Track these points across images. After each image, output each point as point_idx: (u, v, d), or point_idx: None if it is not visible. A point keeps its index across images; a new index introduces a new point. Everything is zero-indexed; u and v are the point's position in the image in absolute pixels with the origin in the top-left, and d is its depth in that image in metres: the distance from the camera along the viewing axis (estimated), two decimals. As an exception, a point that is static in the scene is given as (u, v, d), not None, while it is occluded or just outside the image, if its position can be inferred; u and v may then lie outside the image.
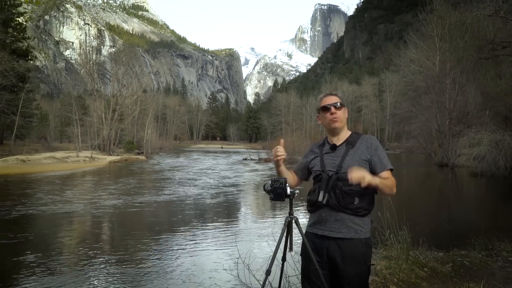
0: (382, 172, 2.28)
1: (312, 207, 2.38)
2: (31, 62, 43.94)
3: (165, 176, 22.38)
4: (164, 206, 12.19)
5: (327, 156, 2.39)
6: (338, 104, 2.40)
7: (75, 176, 22.67)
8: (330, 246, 2.28)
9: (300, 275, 3.91)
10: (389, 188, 2.21)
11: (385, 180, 2.22)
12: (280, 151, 2.41)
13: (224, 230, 8.99)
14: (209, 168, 28.50)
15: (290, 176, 2.55)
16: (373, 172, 2.29)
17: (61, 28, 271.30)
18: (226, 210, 11.98)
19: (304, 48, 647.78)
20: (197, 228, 9.05)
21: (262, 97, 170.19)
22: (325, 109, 2.41)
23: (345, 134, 2.44)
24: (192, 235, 8.38)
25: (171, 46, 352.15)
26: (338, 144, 2.41)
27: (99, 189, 16.06)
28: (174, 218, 10.39)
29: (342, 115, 2.41)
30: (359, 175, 2.10)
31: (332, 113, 2.38)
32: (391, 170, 2.32)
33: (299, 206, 10.55)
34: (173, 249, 7.21)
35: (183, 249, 7.23)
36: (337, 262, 2.25)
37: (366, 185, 2.11)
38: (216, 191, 16.00)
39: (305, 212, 9.96)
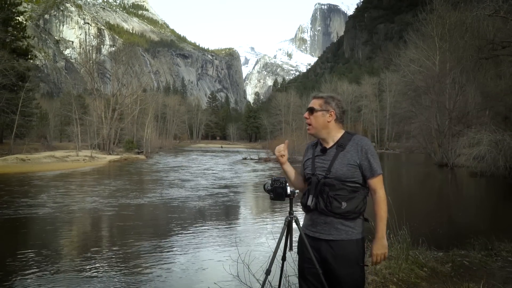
0: (372, 179, 2.29)
1: (305, 209, 2.41)
2: (31, 61, 43.90)
3: (164, 176, 22.35)
4: (163, 207, 12.11)
5: (318, 158, 2.37)
6: (313, 108, 2.39)
7: (74, 175, 22.64)
8: (322, 247, 2.29)
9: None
10: (385, 213, 2.32)
11: (382, 216, 2.30)
12: (280, 150, 2.46)
13: (223, 230, 9.00)
14: (208, 168, 28.50)
15: (299, 179, 2.55)
16: (363, 176, 2.30)
17: (61, 27, 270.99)
18: (226, 210, 11.97)
19: (304, 47, 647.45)
20: (197, 228, 9.04)
21: (262, 96, 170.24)
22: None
23: (337, 135, 2.40)
24: (191, 235, 8.38)
25: (171, 46, 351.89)
26: (328, 146, 2.38)
27: (98, 189, 16.04)
28: (173, 219, 10.36)
29: (314, 120, 2.39)
30: (382, 257, 2.34)
31: (305, 118, 2.42)
32: (381, 174, 2.34)
33: (299, 206, 10.54)
34: (172, 249, 7.21)
35: (182, 249, 7.23)
36: (329, 262, 2.26)
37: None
38: (215, 191, 15.99)
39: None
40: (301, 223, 2.50)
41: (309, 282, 2.32)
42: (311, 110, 2.39)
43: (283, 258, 2.59)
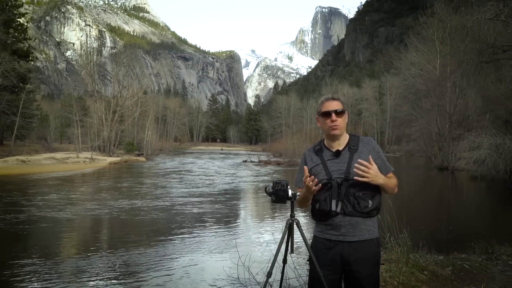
0: (388, 174, 2.35)
1: (324, 217, 2.32)
2: (32, 62, 43.93)
3: (165, 179, 22.34)
4: (164, 210, 12.05)
5: (330, 162, 2.34)
6: (339, 110, 2.35)
7: (74, 177, 22.65)
8: (345, 249, 2.27)
9: (299, 277, 3.91)
10: (391, 188, 2.31)
11: (389, 179, 2.30)
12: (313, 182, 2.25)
13: (224, 233, 8.99)
14: (209, 170, 28.49)
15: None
16: None
17: (62, 29, 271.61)
18: (226, 213, 11.95)
19: (304, 50, 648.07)
20: (197, 231, 9.04)
21: (262, 99, 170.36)
22: (326, 114, 2.37)
23: (345, 138, 2.40)
24: (192, 238, 8.37)
25: (172, 48, 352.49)
26: (340, 149, 2.37)
27: (98, 192, 16.05)
28: (174, 222, 10.35)
29: (342, 122, 2.36)
30: (375, 175, 2.20)
31: (332, 120, 2.34)
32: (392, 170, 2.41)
33: (300, 209, 10.53)
34: (172, 252, 7.20)
35: (182, 252, 7.23)
36: (352, 264, 2.26)
37: (370, 182, 2.20)
38: (216, 193, 15.99)
39: (306, 214, 9.96)
40: (303, 225, 2.49)
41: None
42: (341, 113, 2.37)
43: (284, 261, 2.59)
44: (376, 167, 2.22)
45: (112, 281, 5.60)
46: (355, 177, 2.21)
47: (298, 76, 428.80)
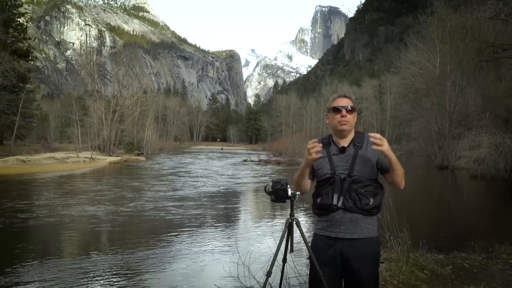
0: None
1: (324, 211, 2.34)
2: (32, 62, 43.91)
3: (165, 178, 22.35)
4: (164, 209, 12.03)
5: (335, 157, 2.34)
6: (349, 107, 2.36)
7: (74, 177, 22.65)
8: (345, 247, 2.28)
9: (299, 276, 3.92)
10: (400, 174, 2.25)
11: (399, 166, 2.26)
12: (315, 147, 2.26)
13: (224, 232, 8.99)
14: (209, 170, 28.49)
15: (308, 182, 2.48)
16: (383, 170, 2.32)
17: (62, 29, 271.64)
18: (226, 212, 11.96)
19: (304, 49, 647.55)
20: (197, 231, 9.03)
21: (262, 98, 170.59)
22: (336, 110, 2.37)
23: (351, 135, 2.41)
24: (192, 237, 8.37)
25: (172, 47, 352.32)
26: (346, 145, 2.37)
27: (97, 192, 16.04)
28: (173, 222, 10.34)
29: (351, 119, 2.36)
30: (383, 143, 2.15)
31: (342, 116, 2.34)
32: None
33: (300, 208, 10.55)
34: (172, 251, 7.21)
35: (182, 251, 7.23)
36: (351, 262, 2.26)
37: (384, 151, 2.16)
38: (215, 193, 15.99)
39: (306, 214, 9.97)
40: (302, 225, 2.49)
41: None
42: (351, 110, 2.37)
43: (284, 260, 2.59)
44: (386, 142, 2.19)
45: (112, 281, 5.60)
46: (372, 146, 2.20)
47: (298, 75, 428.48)
